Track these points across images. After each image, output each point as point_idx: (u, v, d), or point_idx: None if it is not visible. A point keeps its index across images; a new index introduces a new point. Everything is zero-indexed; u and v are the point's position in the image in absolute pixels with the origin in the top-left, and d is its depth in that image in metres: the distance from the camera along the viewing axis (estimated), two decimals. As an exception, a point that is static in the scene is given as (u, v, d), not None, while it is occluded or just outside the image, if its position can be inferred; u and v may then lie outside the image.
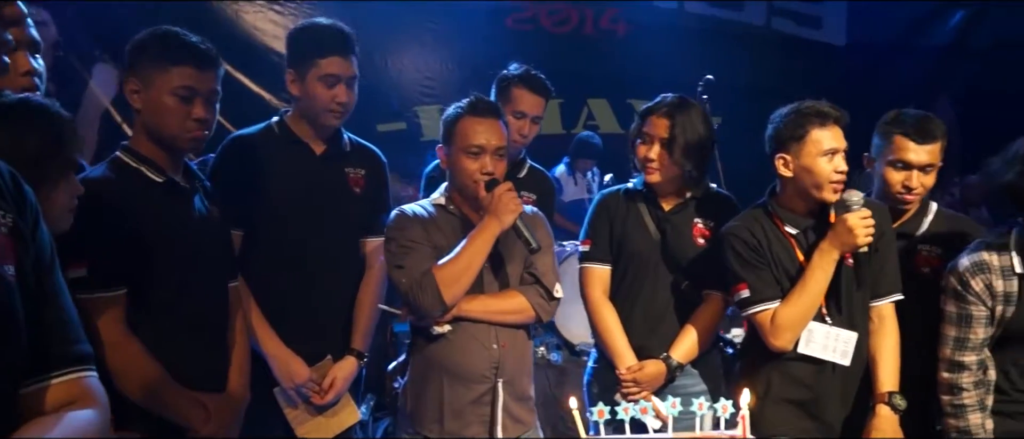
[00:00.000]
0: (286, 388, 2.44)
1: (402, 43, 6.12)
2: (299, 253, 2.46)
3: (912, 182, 2.35)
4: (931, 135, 2.35)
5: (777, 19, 7.01)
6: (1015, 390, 2.12)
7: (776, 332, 2.23)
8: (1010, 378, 2.12)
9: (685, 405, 1.84)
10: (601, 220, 2.56)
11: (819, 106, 2.20)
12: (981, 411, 2.10)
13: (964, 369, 2.12)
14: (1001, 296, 2.07)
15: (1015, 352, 2.11)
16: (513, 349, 2.28)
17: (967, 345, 2.11)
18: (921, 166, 2.35)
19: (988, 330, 2.10)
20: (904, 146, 2.35)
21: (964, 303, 2.11)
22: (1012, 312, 2.07)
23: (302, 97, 2.44)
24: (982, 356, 2.12)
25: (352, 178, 2.56)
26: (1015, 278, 2.07)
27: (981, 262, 2.10)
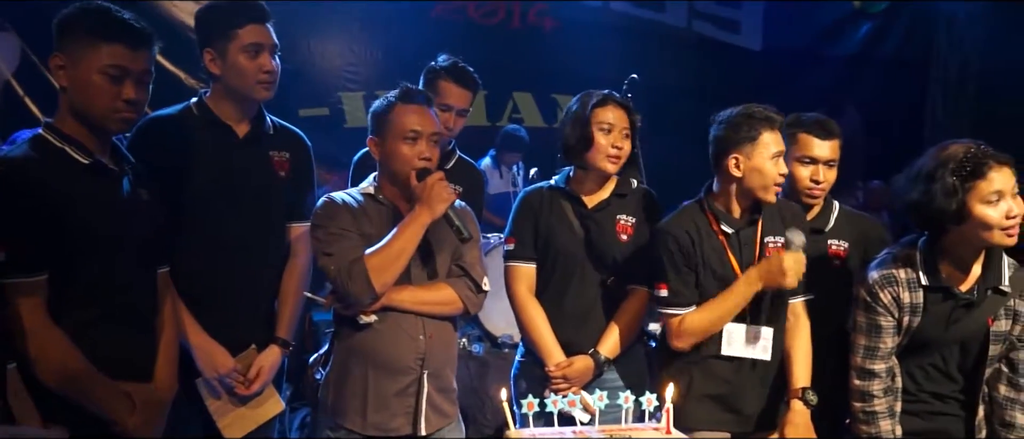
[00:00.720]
0: (209, 378, 2.37)
1: (327, 28, 5.99)
2: (221, 239, 2.39)
3: (819, 176, 2.50)
4: (831, 132, 2.52)
5: (698, 22, 7.18)
6: (920, 391, 2.23)
7: (680, 336, 2.34)
8: (916, 380, 2.23)
9: (611, 398, 1.88)
10: (525, 218, 2.58)
11: (767, 110, 2.29)
12: (891, 417, 2.20)
13: (875, 376, 2.20)
14: (908, 307, 2.16)
15: (920, 357, 2.21)
16: (439, 341, 2.28)
17: (877, 354, 2.20)
18: (825, 161, 2.51)
19: (895, 339, 2.20)
20: (809, 143, 2.50)
21: (873, 314, 2.20)
22: (917, 322, 2.17)
23: (225, 74, 2.37)
24: (890, 364, 2.21)
25: (276, 161, 2.50)
26: (920, 290, 2.16)
27: (889, 275, 2.18)
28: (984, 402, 2.18)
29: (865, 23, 7.11)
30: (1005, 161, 2.04)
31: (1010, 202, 2.02)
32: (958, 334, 2.16)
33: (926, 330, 2.16)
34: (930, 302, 2.15)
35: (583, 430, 1.94)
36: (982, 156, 2.03)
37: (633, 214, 2.54)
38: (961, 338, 2.16)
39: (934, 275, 2.15)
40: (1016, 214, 2.02)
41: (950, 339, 2.17)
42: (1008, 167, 2.04)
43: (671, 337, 2.35)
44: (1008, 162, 2.04)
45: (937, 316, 2.15)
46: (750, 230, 2.35)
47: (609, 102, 2.47)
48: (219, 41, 2.35)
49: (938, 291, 2.15)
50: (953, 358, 2.19)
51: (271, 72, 2.37)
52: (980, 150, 2.04)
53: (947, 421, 2.21)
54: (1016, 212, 2.02)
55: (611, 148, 2.44)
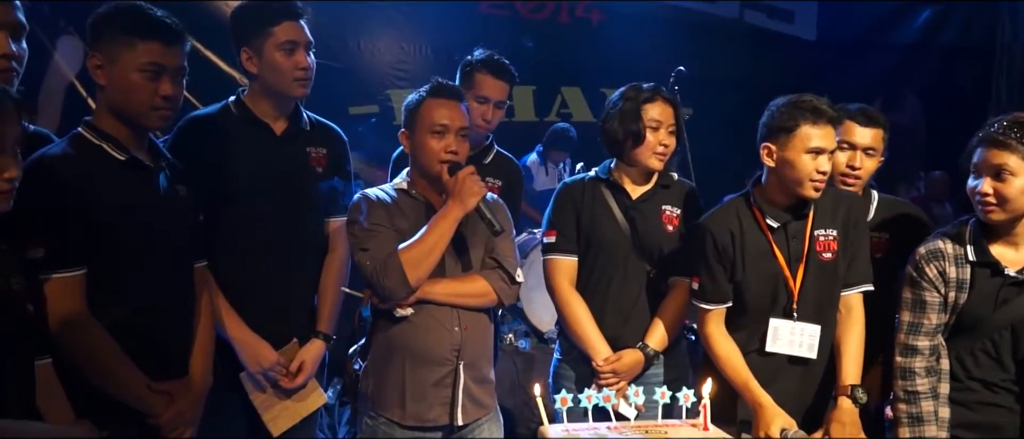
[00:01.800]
0: (253, 373, 2.42)
1: (375, 26, 6.07)
2: (260, 234, 2.42)
3: (856, 162, 2.44)
4: (874, 120, 2.46)
5: (750, 12, 7.06)
6: (970, 378, 2.16)
7: (702, 330, 2.35)
8: (965, 366, 2.16)
9: (648, 394, 1.86)
10: (566, 210, 2.55)
11: (816, 102, 2.19)
12: (933, 399, 2.14)
13: (917, 353, 2.15)
14: (954, 282, 2.12)
15: (968, 340, 2.15)
16: (474, 332, 2.29)
17: (920, 330, 2.16)
18: (864, 148, 2.45)
19: (941, 316, 2.15)
20: (850, 128, 2.46)
21: (918, 289, 2.16)
22: (964, 299, 2.12)
23: (262, 72, 2.40)
24: (935, 342, 2.16)
25: (314, 157, 2.53)
26: (968, 266, 2.12)
27: (936, 249, 2.15)
28: None
29: (924, 10, 6.90)
30: (996, 140, 2.03)
31: (985, 184, 2.05)
32: (1008, 316, 2.09)
33: (973, 309, 2.11)
34: (978, 279, 2.11)
35: (619, 426, 1.93)
36: (984, 132, 2.07)
37: (677, 205, 2.51)
38: (1011, 321, 2.09)
39: (983, 251, 2.10)
40: (983, 192, 2.03)
41: (999, 322, 2.10)
42: (991, 146, 2.03)
43: (700, 327, 2.35)
44: (996, 140, 2.02)
45: (985, 294, 2.10)
46: (799, 223, 2.28)
47: (657, 98, 2.45)
48: (255, 39, 2.38)
49: (986, 267, 2.10)
50: (1004, 343, 2.11)
51: (307, 69, 2.39)
52: (992, 125, 2.05)
53: (999, 414, 2.13)
54: (986, 191, 2.03)
55: (659, 146, 2.43)
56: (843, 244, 2.28)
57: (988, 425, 2.14)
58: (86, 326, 1.91)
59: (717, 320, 2.31)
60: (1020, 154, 2.00)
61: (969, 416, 2.15)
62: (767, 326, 2.28)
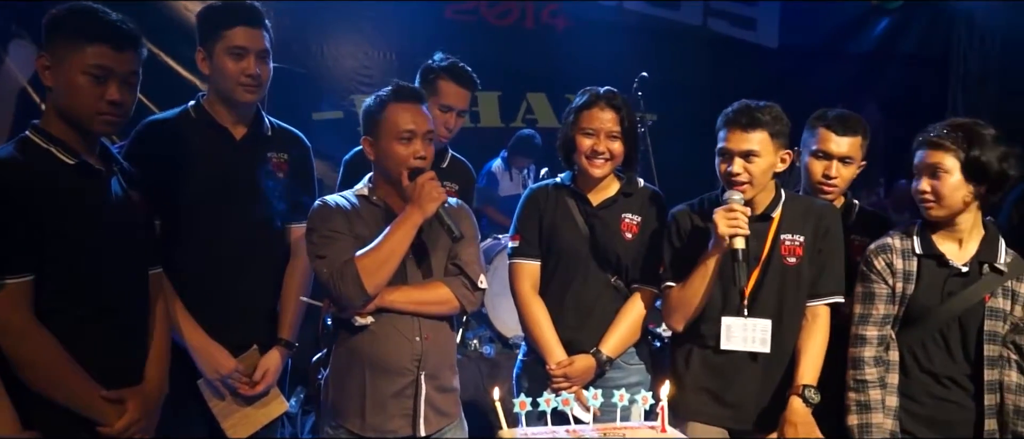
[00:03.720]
0: (211, 380, 2.39)
1: (339, 32, 6.02)
2: (220, 240, 2.40)
3: (832, 171, 2.49)
4: (851, 129, 2.50)
5: (713, 20, 7.12)
6: (921, 371, 2.22)
7: (666, 312, 2.39)
8: (917, 357, 2.23)
9: (606, 397, 1.86)
10: (530, 215, 2.57)
11: (735, 109, 2.28)
12: (881, 387, 2.21)
13: (866, 343, 2.23)
14: (901, 273, 2.21)
15: (918, 332, 2.21)
16: (436, 342, 2.27)
17: (869, 320, 2.24)
18: (841, 157, 2.49)
19: (889, 307, 2.23)
20: (826, 137, 2.50)
21: (867, 282, 2.25)
22: (912, 290, 2.20)
23: (211, 75, 2.40)
24: (883, 332, 2.23)
25: (275, 163, 2.51)
26: (915, 258, 2.21)
27: (884, 244, 2.26)
28: (995, 391, 2.16)
29: (883, 19, 7.02)
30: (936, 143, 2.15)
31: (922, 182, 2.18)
32: (955, 308, 2.17)
33: (921, 300, 2.19)
34: (924, 271, 2.20)
35: (577, 429, 1.92)
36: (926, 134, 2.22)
37: (639, 213, 2.52)
38: (958, 313, 2.17)
39: (928, 244, 2.20)
40: (924, 190, 2.17)
41: (947, 313, 2.18)
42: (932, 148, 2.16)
43: (664, 315, 2.41)
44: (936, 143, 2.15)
45: (931, 286, 2.19)
46: (762, 225, 2.33)
47: (596, 104, 2.45)
48: (208, 41, 2.37)
49: (932, 259, 2.19)
50: (953, 336, 2.18)
51: (254, 76, 2.37)
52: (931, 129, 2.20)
53: (951, 409, 2.19)
54: (924, 189, 2.17)
55: (592, 152, 2.43)
56: (811, 252, 2.32)
57: (941, 421, 2.20)
58: (33, 334, 1.87)
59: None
60: (954, 154, 2.12)
61: (921, 410, 2.21)
62: (721, 324, 2.32)
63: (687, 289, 2.31)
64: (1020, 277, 2.16)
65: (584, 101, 2.47)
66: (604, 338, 2.47)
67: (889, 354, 2.23)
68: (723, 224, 2.18)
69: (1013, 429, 2.13)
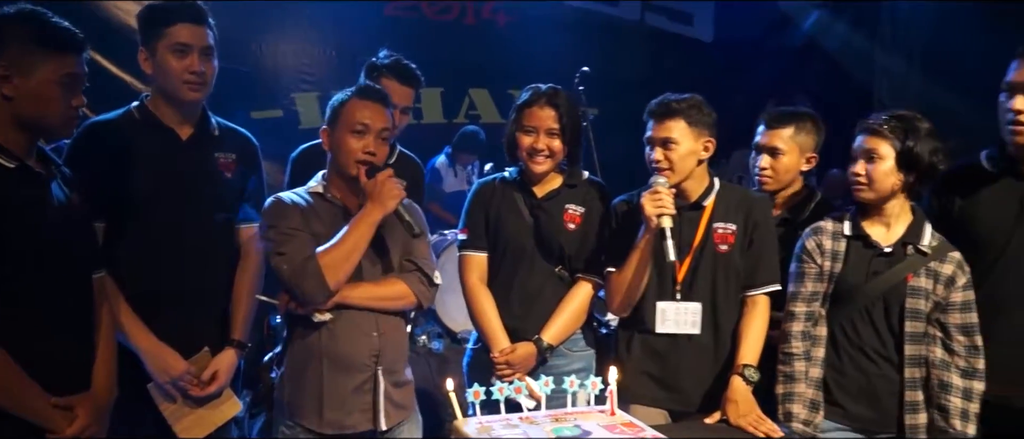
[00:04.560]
0: (161, 383, 2.37)
1: (278, 29, 5.94)
2: (167, 242, 2.39)
3: (763, 163, 2.65)
4: (780, 121, 2.65)
5: (650, 15, 7.27)
6: (850, 345, 2.34)
7: (608, 298, 2.49)
8: (846, 333, 2.35)
9: (557, 384, 1.92)
10: (477, 209, 2.64)
11: (658, 101, 2.42)
12: (806, 360, 2.34)
13: (795, 318, 2.36)
14: (829, 253, 2.35)
15: (847, 309, 2.34)
16: (392, 336, 2.31)
17: (798, 297, 2.37)
18: (769, 149, 2.63)
19: (818, 285, 2.36)
20: (759, 131, 2.67)
21: (799, 261, 2.39)
22: (840, 269, 2.33)
23: (155, 74, 2.38)
24: (811, 308, 2.36)
25: (222, 163, 2.50)
26: (844, 240, 2.35)
27: (817, 226, 2.40)
28: (918, 365, 2.28)
29: (812, 14, 7.24)
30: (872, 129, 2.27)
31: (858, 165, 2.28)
32: (879, 287, 2.29)
33: (848, 278, 2.32)
34: (852, 251, 2.33)
35: (530, 416, 1.98)
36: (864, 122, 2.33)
37: (582, 204, 2.59)
38: (883, 291, 2.29)
39: (857, 227, 2.34)
40: (858, 173, 2.28)
41: (872, 291, 2.30)
42: (869, 134, 2.27)
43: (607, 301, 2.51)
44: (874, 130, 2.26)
45: (858, 265, 2.32)
46: (694, 213, 2.44)
47: (536, 102, 2.52)
48: (151, 40, 2.35)
49: (859, 240, 2.33)
50: (878, 312, 2.30)
51: (198, 73, 2.36)
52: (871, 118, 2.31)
53: (878, 381, 2.31)
54: (859, 172, 2.28)
55: (533, 149, 2.50)
56: (742, 241, 2.43)
57: (868, 393, 2.32)
58: None
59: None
60: (890, 143, 2.24)
61: (849, 384, 2.33)
62: (656, 309, 2.44)
63: (624, 273, 2.41)
64: (943, 258, 2.28)
65: (526, 99, 2.54)
66: (546, 326, 2.54)
67: (817, 329, 2.36)
68: (649, 206, 2.31)
69: (938, 401, 2.26)
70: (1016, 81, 2.23)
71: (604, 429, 1.92)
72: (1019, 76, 2.22)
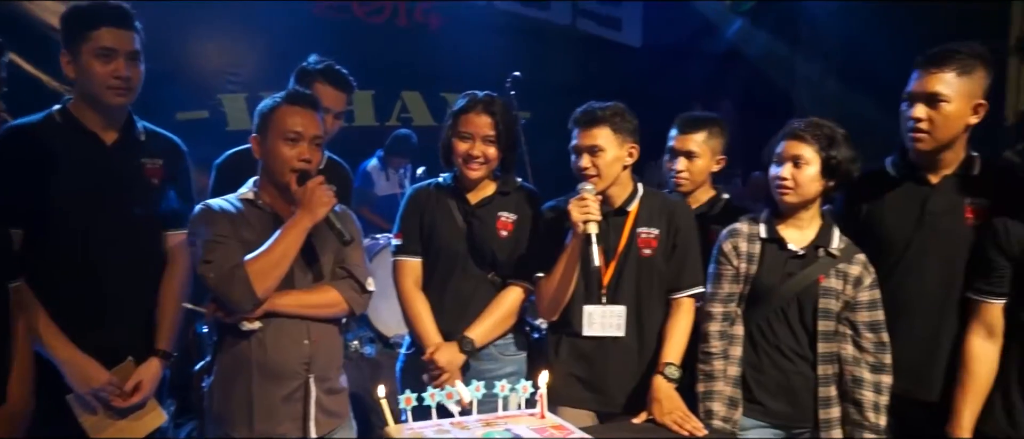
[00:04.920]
0: (82, 393, 2.30)
1: (205, 29, 5.82)
2: (90, 250, 2.33)
3: (678, 165, 2.76)
4: (693, 125, 2.76)
5: (581, 20, 7.39)
6: (767, 345, 2.42)
7: (538, 303, 2.55)
8: (763, 333, 2.43)
9: (488, 388, 1.95)
10: (412, 214, 2.65)
11: (583, 110, 2.47)
12: (724, 359, 2.41)
13: (712, 318, 2.44)
14: (745, 255, 2.43)
15: (763, 309, 2.42)
16: (324, 344, 2.30)
17: (715, 298, 2.45)
18: (684, 152, 2.75)
19: (734, 287, 2.44)
20: (673, 135, 2.78)
21: (716, 263, 2.47)
22: (755, 270, 2.42)
23: (78, 78, 2.32)
24: (728, 309, 2.44)
25: (148, 168, 2.46)
26: (759, 242, 2.43)
27: (733, 229, 2.48)
28: (831, 362, 2.39)
29: (735, 21, 7.46)
30: (799, 134, 2.35)
31: (785, 169, 2.34)
32: (794, 288, 2.38)
33: (763, 279, 2.41)
34: (767, 253, 2.42)
35: (461, 421, 2.00)
36: (788, 127, 2.39)
37: (515, 211, 2.63)
38: (796, 292, 2.38)
39: (772, 229, 2.43)
40: (785, 177, 2.34)
41: (787, 292, 2.39)
42: (796, 139, 2.35)
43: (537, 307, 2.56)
44: (800, 135, 2.34)
45: (772, 267, 2.40)
46: (619, 219, 2.51)
47: (473, 109, 2.54)
48: (74, 43, 2.30)
49: (774, 243, 2.42)
50: (793, 312, 2.39)
51: (124, 78, 2.31)
52: (793, 123, 2.38)
53: (794, 379, 2.40)
54: (785, 176, 2.34)
55: (469, 155, 2.53)
56: (665, 245, 2.51)
57: (786, 389, 2.41)
58: None
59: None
60: (814, 148, 2.33)
61: (767, 381, 2.42)
62: (583, 312, 2.50)
63: (552, 278, 2.46)
64: (851, 260, 2.39)
65: (462, 106, 2.56)
66: (472, 326, 2.56)
67: (734, 329, 2.44)
68: (576, 212, 2.35)
69: (851, 396, 2.37)
70: (915, 91, 2.33)
71: (534, 432, 1.96)
72: (918, 86, 2.33)
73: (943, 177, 2.41)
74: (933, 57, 2.32)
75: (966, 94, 2.31)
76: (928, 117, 2.31)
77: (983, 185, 2.38)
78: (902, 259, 2.42)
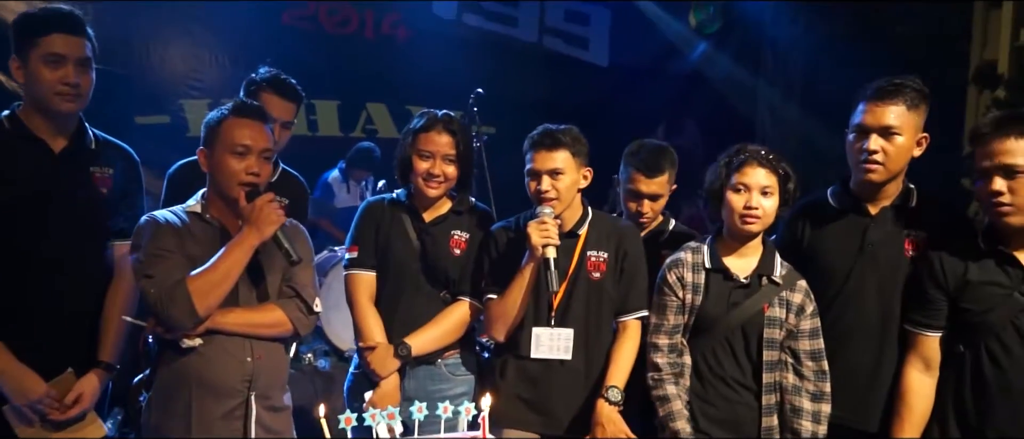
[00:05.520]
0: (18, 405, 2.26)
1: (167, 33, 5.76)
2: (33, 258, 2.30)
3: (643, 207, 2.78)
4: (659, 169, 2.76)
5: (548, 37, 7.43)
6: (713, 376, 2.42)
7: (488, 323, 2.54)
8: (708, 363, 2.43)
9: (431, 409, 1.94)
10: (367, 227, 2.63)
11: (542, 131, 2.46)
12: (675, 384, 2.41)
13: (658, 350, 2.44)
14: (690, 286, 2.43)
15: (708, 340, 2.43)
16: (268, 361, 2.27)
17: (661, 329, 2.45)
18: (649, 195, 2.77)
19: (680, 318, 2.44)
20: (636, 178, 2.77)
21: (661, 294, 2.47)
22: (700, 301, 2.42)
23: (27, 84, 2.30)
24: (674, 340, 2.45)
25: (98, 177, 2.43)
26: (703, 272, 2.44)
27: (677, 259, 2.48)
28: (773, 391, 2.41)
29: (700, 44, 7.56)
30: (761, 160, 2.35)
31: (754, 197, 2.34)
32: (739, 317, 2.40)
33: (709, 309, 2.41)
34: (712, 283, 2.43)
35: (402, 440, 1.99)
36: (741, 152, 2.38)
37: (467, 230, 2.63)
38: (741, 322, 2.40)
39: (716, 259, 2.43)
40: (754, 206, 2.33)
41: (732, 322, 2.40)
42: (761, 166, 2.35)
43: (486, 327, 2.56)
44: (764, 161, 2.35)
45: (717, 297, 2.41)
46: (569, 241, 2.52)
47: (433, 127, 2.54)
48: (24, 49, 2.28)
49: (718, 273, 2.42)
50: (738, 341, 2.41)
51: (73, 84, 2.30)
52: (747, 149, 2.38)
53: (740, 409, 2.41)
54: (754, 205, 2.33)
55: (428, 173, 2.53)
56: (614, 269, 2.53)
57: (731, 421, 2.42)
58: None
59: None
60: (779, 180, 2.36)
61: (714, 412, 2.42)
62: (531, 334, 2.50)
63: (506, 299, 2.46)
64: (793, 288, 2.42)
65: (422, 124, 2.55)
66: (413, 334, 2.55)
67: (683, 358, 2.44)
68: (536, 235, 2.36)
69: (791, 425, 2.39)
70: (868, 123, 2.35)
71: (476, 454, 1.95)
72: (871, 118, 2.35)
73: (882, 208, 2.45)
74: (883, 91, 2.35)
75: (914, 127, 2.36)
76: (882, 148, 2.34)
77: (920, 217, 2.43)
78: (843, 289, 2.45)
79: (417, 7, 6.73)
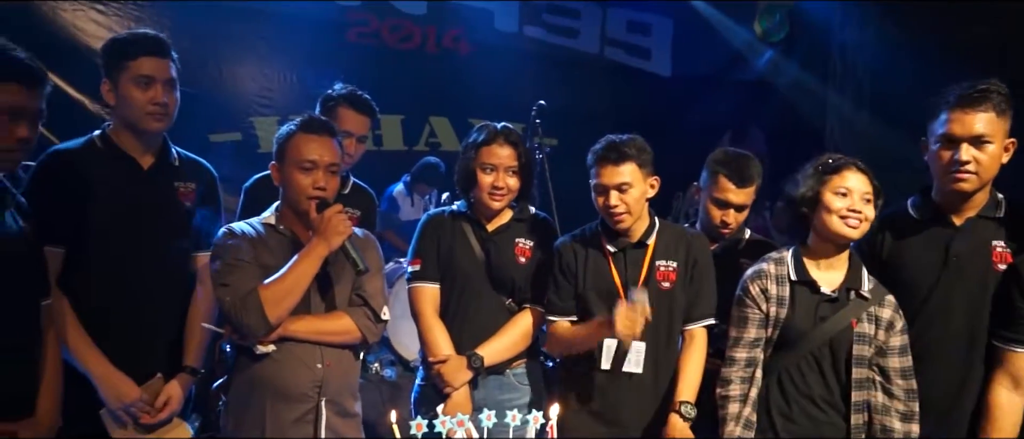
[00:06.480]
0: (113, 409, 2.36)
1: (238, 52, 5.93)
2: (125, 269, 2.40)
3: (729, 218, 2.69)
4: (749, 179, 2.68)
5: (610, 49, 7.39)
6: (798, 394, 2.33)
7: (548, 341, 2.54)
8: (793, 380, 2.33)
9: (499, 418, 1.94)
10: (429, 240, 2.66)
11: (605, 145, 2.42)
12: (741, 403, 2.33)
13: (734, 363, 2.36)
14: (775, 298, 2.34)
15: (793, 355, 2.33)
16: (338, 368, 2.31)
17: (740, 342, 2.36)
18: (738, 205, 2.68)
19: (761, 331, 2.35)
20: (725, 187, 2.68)
21: (742, 306, 2.38)
22: (785, 314, 2.33)
23: (118, 105, 2.41)
24: (752, 354, 2.35)
25: (182, 192, 2.53)
26: (788, 284, 2.34)
27: (759, 270, 2.38)
28: (862, 411, 2.30)
29: (766, 51, 7.43)
30: (860, 168, 2.28)
31: (856, 201, 2.25)
32: (826, 333, 2.29)
33: (795, 323, 2.31)
34: (797, 296, 2.33)
35: (471, 450, 1.99)
36: (840, 159, 2.31)
37: (531, 237, 2.64)
38: (829, 336, 2.29)
39: (802, 270, 2.33)
40: (858, 210, 2.24)
41: (819, 337, 2.29)
42: (861, 173, 2.27)
43: (547, 343, 2.53)
44: (862, 169, 2.28)
45: (804, 310, 2.31)
46: (638, 252, 2.48)
47: (495, 140, 2.55)
48: (114, 72, 2.39)
49: (805, 285, 2.32)
50: (825, 358, 2.30)
51: (162, 104, 2.40)
52: (843, 157, 2.31)
53: (825, 429, 2.31)
54: (858, 209, 2.24)
55: (492, 187, 2.54)
56: (684, 278, 2.49)
57: None
58: None
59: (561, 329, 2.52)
60: (873, 188, 2.28)
61: (798, 430, 2.33)
62: (602, 346, 2.45)
63: (572, 342, 2.48)
64: (881, 303, 2.31)
65: (484, 137, 2.57)
66: (484, 344, 2.56)
67: (757, 373, 2.35)
68: (623, 325, 2.22)
69: None
70: (958, 133, 2.24)
71: (544, 463, 1.94)
72: (960, 127, 2.23)
73: (967, 219, 2.35)
74: (969, 98, 2.24)
75: (1003, 133, 2.27)
76: (973, 158, 2.24)
77: (1009, 227, 2.33)
78: (926, 304, 2.35)
79: (479, 21, 6.78)
